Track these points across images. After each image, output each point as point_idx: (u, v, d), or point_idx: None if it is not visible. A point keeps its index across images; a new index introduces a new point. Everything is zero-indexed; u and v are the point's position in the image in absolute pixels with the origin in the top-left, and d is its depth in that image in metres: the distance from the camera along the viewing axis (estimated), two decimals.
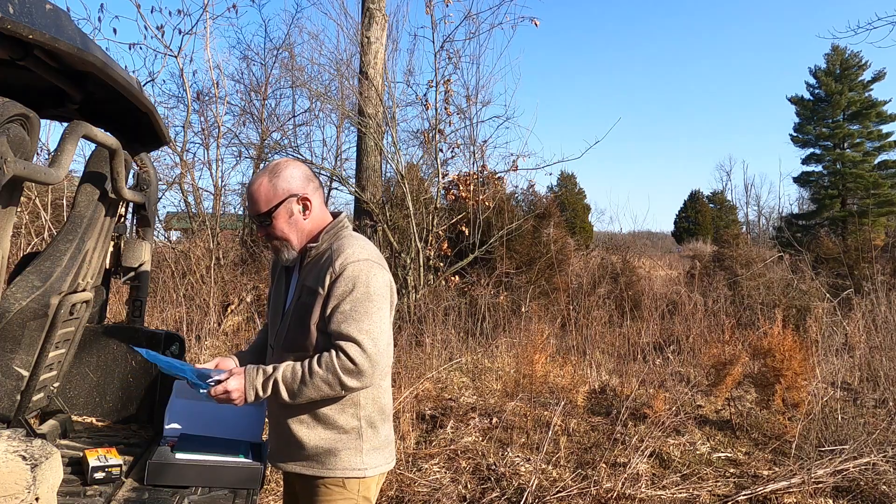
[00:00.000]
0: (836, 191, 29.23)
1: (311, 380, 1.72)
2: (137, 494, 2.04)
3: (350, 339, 1.71)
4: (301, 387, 1.72)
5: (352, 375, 1.71)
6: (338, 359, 1.71)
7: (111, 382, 2.74)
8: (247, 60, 14.75)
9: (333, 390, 1.72)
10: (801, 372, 5.35)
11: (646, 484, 4.00)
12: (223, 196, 10.94)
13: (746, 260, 12.50)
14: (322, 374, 1.71)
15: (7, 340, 2.07)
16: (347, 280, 1.75)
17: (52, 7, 1.47)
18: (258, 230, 1.90)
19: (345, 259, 1.78)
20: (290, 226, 1.86)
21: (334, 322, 1.73)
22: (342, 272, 1.76)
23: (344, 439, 1.83)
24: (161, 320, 7.09)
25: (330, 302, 1.75)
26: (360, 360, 1.70)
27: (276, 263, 2.02)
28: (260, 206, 1.84)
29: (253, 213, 1.88)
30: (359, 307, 1.74)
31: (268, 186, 1.84)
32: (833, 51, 29.46)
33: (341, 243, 1.83)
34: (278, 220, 1.85)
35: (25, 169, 1.54)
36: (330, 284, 1.76)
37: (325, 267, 1.79)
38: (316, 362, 1.72)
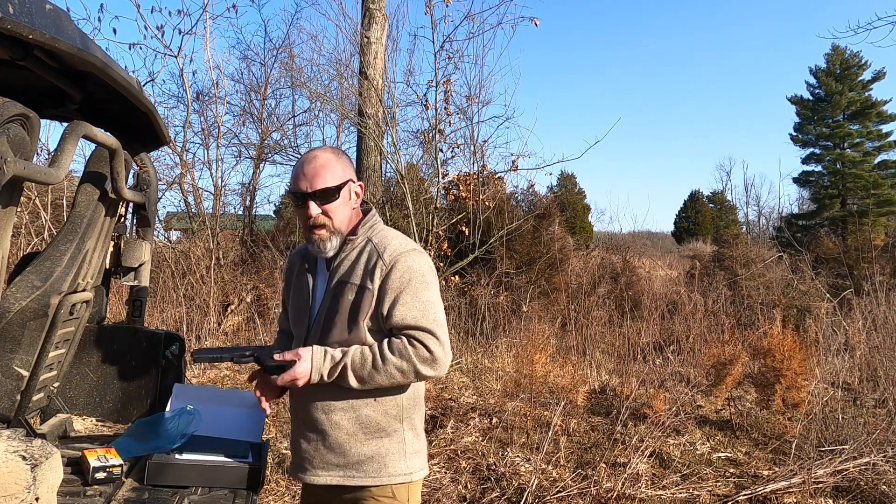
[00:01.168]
0: (836, 191, 29.23)
1: (384, 366, 1.67)
2: (137, 494, 2.04)
3: (422, 329, 1.69)
4: (372, 372, 1.68)
5: (427, 364, 1.68)
6: (412, 347, 1.68)
7: (111, 382, 2.73)
8: (247, 60, 14.77)
9: (406, 378, 1.70)
10: (801, 372, 5.36)
11: (646, 484, 4.00)
12: (223, 196, 10.95)
13: (746, 260, 12.50)
14: (395, 361, 1.67)
15: (7, 340, 2.07)
16: (402, 271, 1.72)
17: (52, 7, 1.47)
18: (305, 211, 1.75)
19: (394, 251, 1.74)
20: (345, 211, 1.78)
21: (398, 314, 1.69)
22: (394, 264, 1.72)
23: (388, 444, 1.76)
24: (161, 320, 7.09)
25: (386, 296, 1.70)
26: (436, 349, 1.68)
27: (292, 264, 1.96)
28: (326, 179, 1.73)
29: (315, 188, 1.72)
30: (421, 297, 1.71)
31: (336, 162, 1.76)
32: (833, 51, 29.47)
33: (382, 236, 1.79)
34: (339, 201, 1.76)
35: (25, 169, 1.54)
36: (382, 278, 1.71)
37: (371, 261, 1.74)
38: (387, 349, 1.69)
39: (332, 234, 1.76)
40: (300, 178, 1.74)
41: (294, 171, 1.77)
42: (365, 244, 1.79)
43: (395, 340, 1.69)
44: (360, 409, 1.75)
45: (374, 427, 1.75)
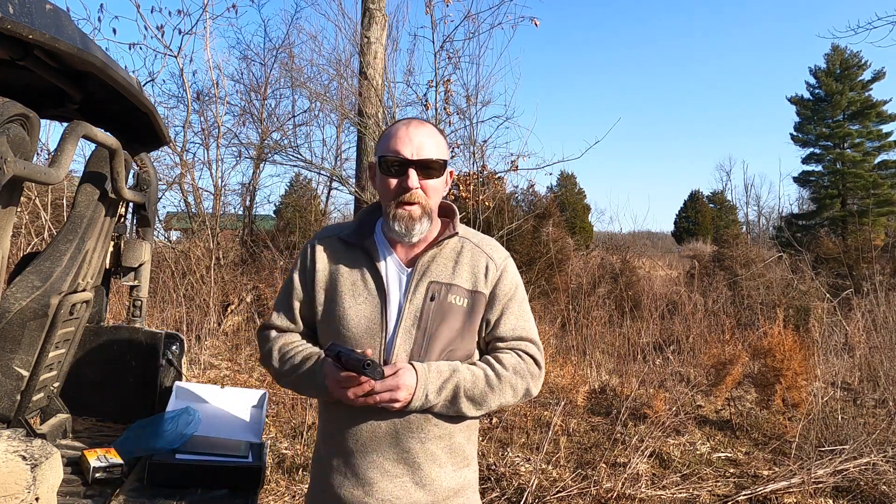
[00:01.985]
0: (836, 191, 29.24)
1: (500, 384, 1.46)
2: (137, 494, 2.04)
3: (531, 341, 1.53)
4: (486, 392, 1.45)
5: (536, 381, 1.53)
6: (524, 362, 1.51)
7: (111, 382, 2.73)
8: (246, 60, 14.76)
9: (516, 397, 1.50)
10: (801, 372, 5.36)
11: (646, 484, 4.00)
12: (223, 196, 10.95)
13: (746, 260, 12.50)
14: (510, 378, 1.48)
15: (7, 340, 2.07)
16: (512, 276, 1.56)
17: (52, 7, 1.47)
18: (402, 181, 1.45)
19: (502, 254, 1.58)
20: (440, 195, 1.54)
21: (508, 324, 1.52)
22: (505, 267, 1.55)
23: (469, 476, 1.55)
24: (161, 320, 7.08)
25: (496, 302, 1.52)
26: (542, 363, 1.54)
27: (330, 251, 1.56)
28: (434, 150, 1.48)
29: (422, 156, 1.45)
30: (525, 306, 1.57)
31: (442, 137, 1.55)
32: (833, 51, 29.49)
33: (478, 235, 1.60)
34: (440, 181, 1.52)
35: (25, 169, 1.54)
36: (495, 282, 1.53)
37: (480, 263, 1.53)
38: (500, 364, 1.48)
39: (424, 215, 1.47)
40: (404, 141, 1.46)
41: (392, 133, 1.49)
42: (461, 242, 1.56)
43: (505, 355, 1.50)
44: (455, 436, 1.50)
45: (462, 456, 1.52)
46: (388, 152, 1.47)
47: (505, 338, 1.51)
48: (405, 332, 1.45)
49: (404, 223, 1.46)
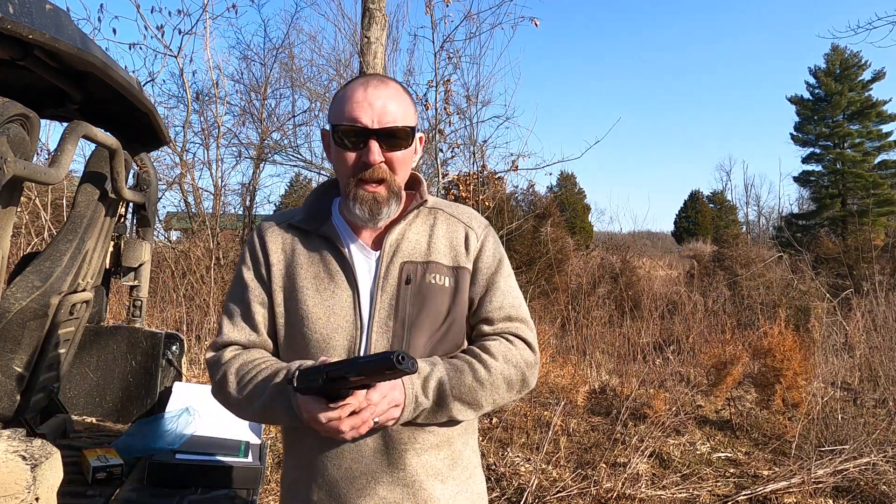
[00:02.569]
0: (837, 190, 29.25)
1: (491, 377, 1.21)
2: (137, 494, 2.04)
3: (521, 321, 1.29)
4: (475, 388, 1.20)
5: (531, 369, 1.27)
6: (514, 347, 1.26)
7: (111, 382, 2.73)
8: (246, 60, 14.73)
9: (511, 392, 1.25)
10: (801, 372, 5.36)
11: (646, 484, 4.00)
12: (223, 196, 10.95)
13: (746, 260, 12.51)
14: (502, 369, 1.22)
15: (7, 340, 2.07)
16: (495, 247, 1.32)
17: (52, 7, 1.47)
18: (363, 155, 1.20)
19: (481, 222, 1.35)
20: (408, 168, 1.28)
21: (495, 302, 1.27)
22: (486, 237, 1.32)
23: (476, 487, 1.32)
24: (161, 320, 7.09)
25: (479, 278, 1.28)
26: (536, 346, 1.30)
27: (284, 240, 1.30)
28: (399, 116, 1.21)
29: (384, 124, 1.19)
30: (512, 282, 1.33)
31: (408, 98, 1.27)
32: (833, 51, 29.49)
33: (450, 203, 1.37)
34: (408, 151, 1.25)
35: (25, 169, 1.54)
36: (476, 254, 1.30)
37: (458, 234, 1.30)
38: (485, 354, 1.23)
39: (391, 196, 1.23)
40: (362, 106, 1.19)
41: (347, 96, 1.21)
42: (433, 214, 1.32)
43: (492, 342, 1.25)
44: (454, 443, 1.28)
45: (464, 466, 1.29)
46: (342, 120, 1.20)
47: (491, 319, 1.27)
48: (381, 326, 1.21)
49: (367, 206, 1.21)
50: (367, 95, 1.20)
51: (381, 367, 1.00)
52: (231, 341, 1.27)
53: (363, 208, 1.22)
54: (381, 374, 1.02)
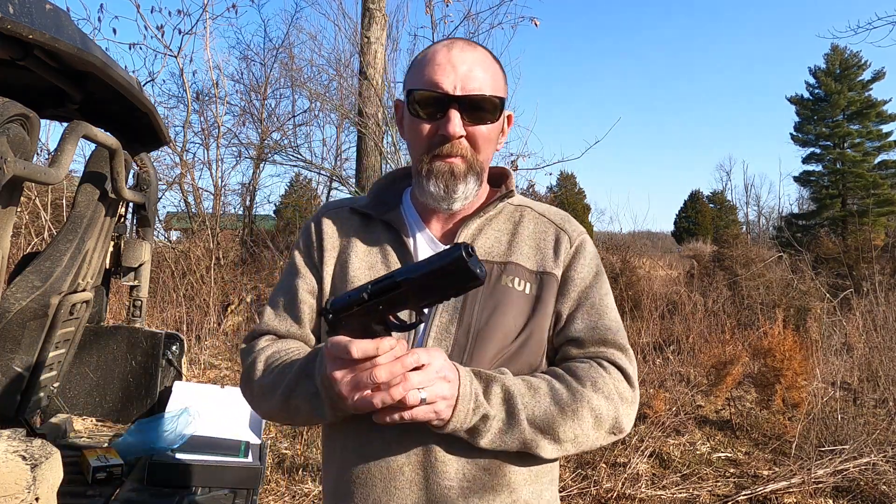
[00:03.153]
0: (837, 190, 29.26)
1: (574, 404, 0.97)
2: (137, 494, 2.04)
3: (619, 348, 1.06)
4: (553, 414, 0.96)
5: (627, 407, 1.03)
6: (608, 375, 1.02)
7: (111, 382, 2.73)
8: (246, 60, 14.75)
9: (598, 430, 0.99)
10: (801, 372, 5.36)
11: (646, 484, 4.00)
12: (223, 196, 10.95)
13: (746, 260, 12.50)
14: (591, 398, 0.98)
15: (7, 340, 2.07)
16: (591, 258, 1.12)
17: (52, 7, 1.47)
18: (441, 125, 1.02)
19: (577, 227, 1.16)
20: (492, 148, 1.09)
21: (586, 321, 1.06)
22: (582, 244, 1.12)
23: None
24: (161, 320, 7.09)
25: (570, 290, 1.08)
26: (636, 382, 1.06)
27: (340, 224, 1.15)
28: (486, 84, 1.04)
29: (469, 91, 1.01)
30: (609, 301, 1.11)
31: (498, 67, 1.09)
32: (833, 51, 29.49)
33: (543, 204, 1.19)
34: (495, 127, 1.07)
35: (25, 169, 1.54)
36: (569, 262, 1.10)
37: (547, 236, 1.11)
38: (570, 376, 1.00)
39: (470, 173, 1.05)
40: (444, 69, 1.02)
41: (427, 59, 1.05)
42: (519, 210, 1.15)
43: (581, 365, 1.02)
44: (518, 490, 1.02)
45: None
46: (420, 84, 1.03)
47: (581, 340, 1.05)
48: (440, 331, 1.02)
49: (443, 181, 1.03)
50: (451, 57, 1.03)
51: (444, 263, 0.78)
52: (268, 330, 1.13)
53: (438, 183, 1.04)
54: (442, 276, 0.79)
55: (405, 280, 0.81)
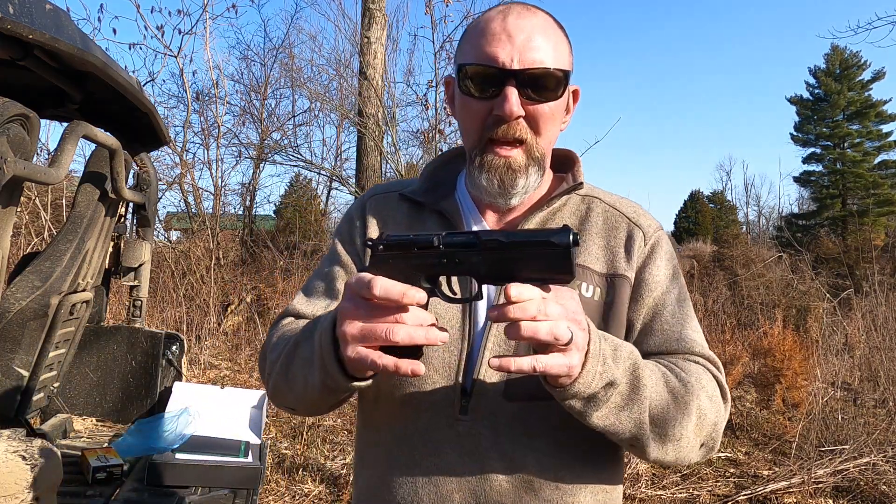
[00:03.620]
0: (837, 190, 29.26)
1: (687, 395, 0.85)
2: (137, 494, 2.04)
3: (713, 362, 0.94)
4: (669, 403, 0.83)
5: (723, 420, 0.91)
6: (711, 378, 0.91)
7: (111, 382, 2.74)
8: (246, 60, 14.78)
9: (698, 436, 0.86)
10: (801, 372, 5.36)
11: (646, 484, 4.00)
12: (223, 196, 10.95)
13: (746, 260, 12.50)
14: (699, 395, 0.86)
15: (7, 340, 2.07)
16: (669, 258, 0.99)
17: (52, 7, 1.47)
18: (496, 104, 0.88)
19: (652, 222, 1.01)
20: (556, 129, 0.95)
21: (668, 332, 0.94)
22: (658, 241, 0.99)
23: None
24: (161, 320, 7.09)
25: (646, 294, 0.95)
26: (729, 396, 0.94)
27: (385, 210, 1.04)
28: (548, 53, 0.89)
29: (527, 64, 0.87)
30: (690, 308, 0.99)
31: (560, 32, 0.95)
32: (833, 51, 29.49)
33: (612, 195, 1.05)
34: (559, 104, 0.93)
35: (25, 169, 1.54)
36: (643, 261, 0.97)
37: (619, 231, 0.98)
38: (678, 367, 0.89)
39: (532, 164, 0.92)
40: (498, 39, 0.88)
41: (481, 28, 0.91)
42: (587, 202, 1.01)
43: (683, 362, 0.91)
44: (612, 494, 0.95)
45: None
46: (472, 58, 0.90)
47: (666, 353, 0.92)
48: (498, 341, 0.89)
49: (498, 175, 0.91)
50: (507, 25, 0.89)
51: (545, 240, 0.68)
52: (295, 313, 1.01)
53: (492, 178, 0.91)
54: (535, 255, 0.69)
55: (491, 241, 0.70)
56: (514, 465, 0.87)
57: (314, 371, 0.81)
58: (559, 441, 0.89)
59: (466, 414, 0.89)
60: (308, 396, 0.86)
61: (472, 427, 0.88)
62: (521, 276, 0.70)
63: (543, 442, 0.88)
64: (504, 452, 0.87)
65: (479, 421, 0.88)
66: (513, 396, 0.88)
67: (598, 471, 0.93)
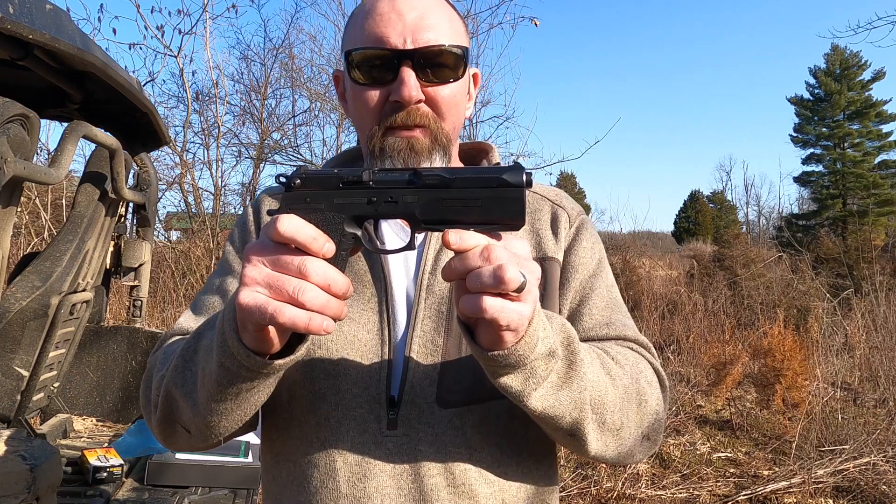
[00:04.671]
0: (837, 190, 29.26)
1: (624, 378, 0.78)
2: (137, 494, 2.04)
3: (644, 347, 0.88)
4: (607, 386, 0.75)
5: (662, 407, 0.84)
6: (644, 362, 0.85)
7: (111, 382, 2.73)
8: (246, 60, 14.73)
9: (639, 426, 0.79)
10: (801, 372, 5.36)
11: (646, 484, 4.00)
12: (223, 196, 10.95)
13: (746, 260, 12.50)
14: (634, 375, 0.80)
15: (7, 340, 2.07)
16: (593, 241, 0.93)
17: (52, 7, 1.47)
18: (394, 88, 0.80)
19: (575, 205, 0.96)
20: (461, 111, 0.88)
21: (597, 317, 0.87)
22: (582, 224, 0.93)
23: None
24: (161, 320, 7.09)
25: (572, 279, 0.88)
26: (666, 382, 0.87)
27: None
28: (444, 31, 0.82)
29: (421, 43, 0.80)
30: (617, 294, 0.93)
31: (451, 9, 0.87)
32: (833, 51, 29.50)
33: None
34: (460, 85, 0.85)
35: (25, 169, 1.54)
36: (569, 246, 0.90)
37: (540, 213, 0.92)
38: (607, 355, 0.80)
39: (436, 146, 0.83)
40: (387, 19, 0.81)
41: (367, 10, 0.84)
42: None
43: (612, 346, 0.84)
44: (552, 496, 0.88)
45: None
46: (360, 42, 0.82)
47: (595, 339, 0.85)
48: (424, 344, 0.81)
49: (402, 158, 0.81)
50: (396, 4, 0.81)
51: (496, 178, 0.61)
52: (183, 332, 0.88)
53: (395, 163, 0.81)
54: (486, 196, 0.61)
55: (432, 177, 0.62)
56: (456, 480, 0.78)
57: (212, 355, 0.67)
58: (501, 448, 0.81)
59: (395, 428, 0.78)
60: (202, 398, 0.70)
61: (404, 443, 0.78)
62: (464, 220, 0.61)
63: (486, 453, 0.80)
64: (443, 467, 0.78)
65: (410, 435, 0.78)
66: (447, 402, 0.79)
67: (538, 475, 0.85)
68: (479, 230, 0.61)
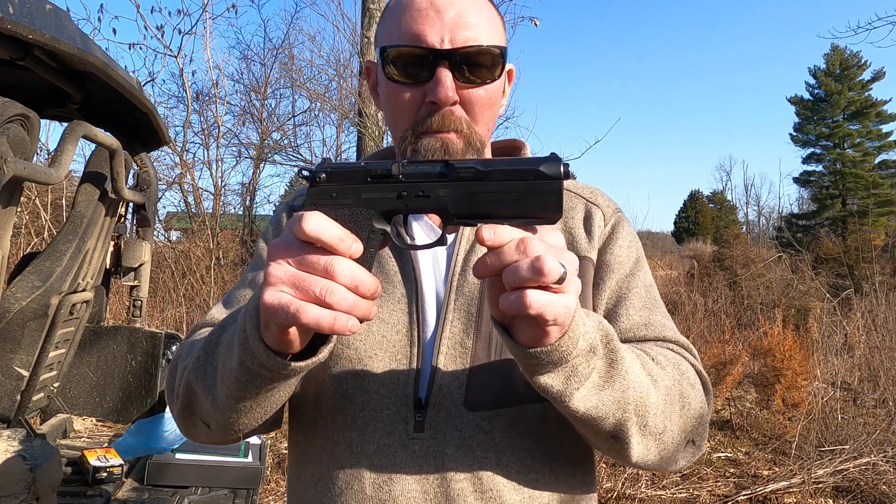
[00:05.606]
0: (837, 191, 29.27)
1: (666, 380, 0.75)
2: (137, 494, 2.04)
3: (686, 348, 0.86)
4: (648, 386, 0.72)
5: (707, 408, 0.81)
6: (687, 365, 0.82)
7: (111, 382, 2.74)
8: (246, 60, 14.75)
9: (683, 429, 0.76)
10: (801, 372, 5.36)
11: (646, 484, 4.00)
12: (223, 196, 10.95)
13: (746, 260, 12.50)
14: (676, 377, 0.77)
15: (7, 340, 2.07)
16: (630, 239, 0.90)
17: (52, 7, 1.47)
18: (429, 88, 0.79)
19: (611, 202, 0.93)
20: (494, 113, 0.85)
21: (635, 318, 0.84)
22: (619, 222, 0.90)
23: None
24: (161, 320, 7.09)
25: (607, 278, 0.85)
26: (710, 387, 0.85)
27: None
28: (482, 31, 0.80)
29: (459, 43, 0.78)
30: (656, 294, 0.90)
31: (492, 7, 0.85)
32: (833, 51, 29.50)
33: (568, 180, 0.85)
34: (496, 87, 0.83)
35: (25, 169, 1.54)
36: (604, 244, 0.87)
37: (574, 212, 0.89)
38: (647, 356, 0.77)
39: (469, 149, 0.82)
40: (425, 16, 0.79)
41: (403, 5, 0.81)
42: None
43: (652, 347, 0.81)
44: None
45: None
46: (396, 39, 0.80)
47: (633, 340, 0.82)
48: (452, 346, 0.80)
49: (436, 158, 0.79)
50: (434, 2, 0.78)
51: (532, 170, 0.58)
52: (213, 324, 0.85)
53: None
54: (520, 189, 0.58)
55: (466, 169, 0.59)
56: (483, 485, 0.76)
57: (233, 351, 0.65)
58: (532, 453, 0.78)
59: (422, 431, 0.77)
60: (222, 394, 0.69)
61: (431, 446, 0.76)
62: (499, 214, 0.59)
63: (515, 458, 0.77)
64: (470, 472, 0.76)
65: (437, 438, 0.76)
66: (475, 405, 0.77)
67: (573, 482, 0.81)
68: (513, 224, 0.58)
